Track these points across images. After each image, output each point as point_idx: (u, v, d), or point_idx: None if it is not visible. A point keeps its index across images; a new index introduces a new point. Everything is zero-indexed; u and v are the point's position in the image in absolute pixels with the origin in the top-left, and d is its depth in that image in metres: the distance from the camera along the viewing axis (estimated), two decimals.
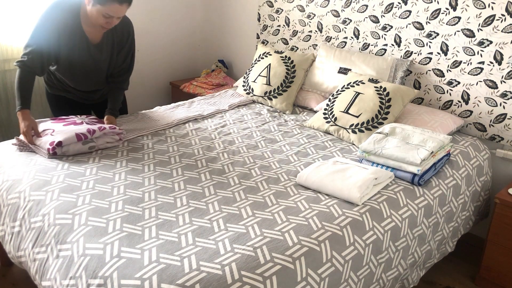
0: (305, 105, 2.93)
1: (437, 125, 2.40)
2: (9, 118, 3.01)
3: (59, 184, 1.85)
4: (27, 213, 1.77)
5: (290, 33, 3.34)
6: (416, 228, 1.90)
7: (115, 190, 1.83)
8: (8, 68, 2.93)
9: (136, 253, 1.46)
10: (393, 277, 1.82)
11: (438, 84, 2.65)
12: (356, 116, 2.42)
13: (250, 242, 1.52)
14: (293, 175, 2.02)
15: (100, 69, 2.41)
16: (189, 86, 3.65)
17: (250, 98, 3.04)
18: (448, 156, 2.20)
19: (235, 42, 3.84)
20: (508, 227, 2.20)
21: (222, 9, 3.85)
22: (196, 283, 1.33)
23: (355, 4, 2.90)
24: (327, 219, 1.68)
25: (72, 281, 1.47)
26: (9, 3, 2.82)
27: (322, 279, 1.50)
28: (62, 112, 2.49)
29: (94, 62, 2.35)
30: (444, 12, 2.53)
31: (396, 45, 2.77)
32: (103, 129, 2.18)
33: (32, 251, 1.69)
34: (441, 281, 2.42)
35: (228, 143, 2.35)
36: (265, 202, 1.79)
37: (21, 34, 2.92)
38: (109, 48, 2.37)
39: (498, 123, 2.46)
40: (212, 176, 1.99)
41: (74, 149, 2.11)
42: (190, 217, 1.67)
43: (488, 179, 2.42)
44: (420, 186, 2.00)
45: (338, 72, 2.84)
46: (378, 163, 2.06)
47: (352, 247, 1.62)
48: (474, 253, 2.59)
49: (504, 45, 2.36)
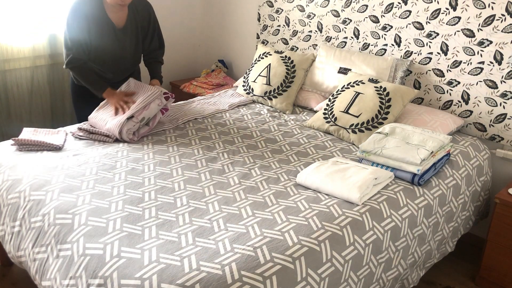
0: (305, 105, 2.93)
1: (437, 125, 2.40)
2: (9, 118, 3.01)
3: (59, 184, 1.85)
4: (27, 213, 1.77)
5: (290, 33, 3.34)
6: (416, 228, 1.90)
7: (115, 190, 1.83)
8: (8, 68, 2.93)
9: (136, 253, 1.46)
10: (393, 277, 1.82)
11: (438, 84, 2.65)
12: (356, 116, 2.42)
13: (250, 242, 1.52)
14: (293, 175, 2.02)
15: (127, 54, 2.53)
16: (189, 86, 3.65)
17: (250, 98, 3.04)
18: (448, 156, 2.20)
19: (235, 42, 3.84)
20: (508, 227, 2.20)
21: (222, 9, 3.85)
22: (196, 283, 1.33)
23: (355, 4, 2.90)
24: (327, 219, 1.68)
25: (72, 281, 1.47)
26: (9, 3, 2.82)
27: (322, 279, 1.50)
28: (86, 105, 2.56)
29: (121, 47, 2.48)
30: (444, 12, 2.53)
31: (396, 45, 2.77)
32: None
33: (32, 251, 1.69)
34: (441, 281, 2.42)
35: (228, 143, 2.35)
36: (265, 202, 1.79)
37: (21, 34, 2.92)
38: (133, 31, 2.50)
39: (498, 123, 2.46)
40: (212, 176, 1.99)
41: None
42: (190, 217, 1.67)
43: (488, 179, 2.42)
44: (420, 186, 2.00)
45: (338, 72, 2.84)
46: (378, 163, 2.06)
47: (352, 247, 1.62)
48: (474, 253, 2.59)
49: (504, 45, 2.36)
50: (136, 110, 2.29)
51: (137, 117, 2.27)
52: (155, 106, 2.34)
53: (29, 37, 2.96)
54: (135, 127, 2.27)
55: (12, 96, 2.99)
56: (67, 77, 3.21)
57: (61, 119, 3.27)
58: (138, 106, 2.31)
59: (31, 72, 3.04)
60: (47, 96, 3.16)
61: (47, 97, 3.16)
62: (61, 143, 2.21)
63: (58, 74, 3.18)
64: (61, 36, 3.09)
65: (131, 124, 2.25)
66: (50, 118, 3.22)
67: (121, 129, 2.24)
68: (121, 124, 2.24)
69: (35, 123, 3.13)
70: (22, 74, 3.02)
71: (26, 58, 2.99)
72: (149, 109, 2.31)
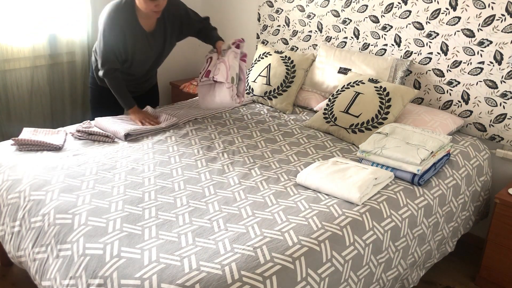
0: (305, 105, 2.93)
1: (437, 125, 2.40)
2: (9, 118, 3.01)
3: (59, 184, 1.85)
4: (27, 213, 1.77)
5: (290, 33, 3.34)
6: (416, 228, 1.90)
7: (115, 190, 1.83)
8: (8, 68, 2.93)
9: (136, 253, 1.46)
10: (393, 277, 1.82)
11: (438, 84, 2.65)
12: (356, 116, 2.42)
13: (250, 242, 1.52)
14: (293, 175, 2.02)
15: (154, 54, 2.59)
16: (189, 86, 3.65)
17: (250, 98, 3.04)
18: (448, 156, 2.20)
19: None
20: (508, 227, 2.20)
21: (222, 9, 3.85)
22: (196, 283, 1.33)
23: (355, 4, 2.90)
24: (327, 219, 1.68)
25: (72, 281, 1.47)
26: (9, 3, 2.82)
27: (322, 279, 1.50)
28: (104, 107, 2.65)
29: (148, 50, 2.54)
30: (444, 12, 2.53)
31: (396, 45, 2.77)
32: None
33: (32, 251, 1.69)
34: (441, 281, 2.42)
35: (228, 143, 2.35)
36: (265, 202, 1.79)
37: (21, 34, 2.92)
38: (161, 35, 2.55)
39: (498, 123, 2.46)
40: (212, 176, 1.99)
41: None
42: (190, 217, 1.67)
43: (488, 179, 2.42)
44: (420, 186, 2.00)
45: (338, 72, 2.84)
46: (378, 163, 2.06)
47: (352, 247, 1.62)
48: (474, 253, 2.59)
49: (504, 45, 2.36)
50: (217, 75, 2.20)
51: (227, 81, 2.17)
52: (234, 60, 2.25)
53: (29, 37, 2.95)
54: (234, 90, 2.15)
55: (12, 96, 2.99)
56: (67, 77, 3.21)
57: (61, 119, 3.27)
58: (218, 72, 2.22)
59: (31, 72, 3.04)
60: (47, 96, 3.16)
61: (47, 97, 3.16)
62: (61, 143, 2.21)
63: (58, 74, 3.18)
64: (61, 36, 3.10)
65: (227, 91, 2.13)
66: (50, 118, 3.22)
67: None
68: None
69: (35, 123, 3.13)
70: (22, 74, 3.01)
71: (26, 58, 2.98)
72: (230, 67, 2.21)
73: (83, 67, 3.24)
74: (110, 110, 2.63)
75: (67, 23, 3.10)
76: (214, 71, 2.31)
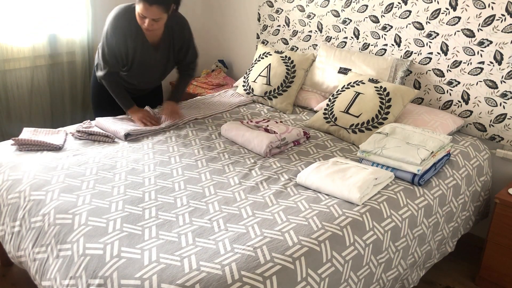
0: (305, 105, 2.93)
1: (437, 125, 2.40)
2: (9, 118, 3.01)
3: (59, 184, 1.85)
4: (27, 213, 1.77)
5: (290, 33, 3.34)
6: (416, 228, 1.90)
7: (115, 190, 1.83)
8: (8, 68, 2.93)
9: (136, 253, 1.46)
10: (393, 277, 1.82)
11: (438, 84, 2.65)
12: (356, 116, 2.42)
13: (250, 242, 1.52)
14: (293, 175, 2.02)
15: (156, 68, 2.60)
16: (189, 86, 3.65)
17: (250, 98, 3.04)
18: (448, 156, 2.20)
19: (235, 42, 3.84)
20: (508, 227, 2.20)
21: (222, 9, 3.85)
22: (196, 283, 1.33)
23: (355, 4, 2.90)
24: (327, 219, 1.68)
25: (72, 281, 1.47)
26: (9, 3, 2.82)
27: (322, 279, 1.50)
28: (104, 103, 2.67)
29: (151, 62, 2.54)
30: (444, 12, 2.53)
31: (396, 45, 2.77)
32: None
33: (32, 251, 1.69)
34: (441, 281, 2.42)
35: (228, 143, 2.35)
36: (265, 202, 1.79)
37: (21, 34, 2.92)
38: (165, 49, 2.56)
39: (498, 123, 2.46)
40: (212, 176, 1.99)
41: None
42: (190, 217, 1.67)
43: (488, 179, 2.42)
44: (420, 186, 2.00)
45: (338, 72, 2.84)
46: (378, 163, 2.06)
47: (352, 247, 1.62)
48: (474, 253, 2.59)
49: (504, 45, 2.36)
50: (279, 129, 2.33)
51: (281, 134, 2.27)
52: (295, 134, 2.33)
53: (29, 37, 2.95)
54: (276, 144, 2.24)
55: (12, 96, 2.99)
56: (67, 77, 3.21)
57: (61, 119, 3.27)
58: (282, 126, 2.38)
59: (31, 72, 3.04)
60: (47, 96, 3.16)
61: (47, 97, 3.16)
62: (61, 143, 2.21)
63: (58, 74, 3.18)
64: (61, 36, 3.10)
65: (275, 139, 2.23)
66: (50, 118, 3.22)
67: (259, 143, 2.24)
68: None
69: (35, 123, 3.13)
70: (22, 74, 3.01)
71: (26, 58, 2.99)
72: (290, 134, 2.31)
73: (83, 67, 3.24)
74: (113, 107, 2.63)
75: (67, 23, 3.11)
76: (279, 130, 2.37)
